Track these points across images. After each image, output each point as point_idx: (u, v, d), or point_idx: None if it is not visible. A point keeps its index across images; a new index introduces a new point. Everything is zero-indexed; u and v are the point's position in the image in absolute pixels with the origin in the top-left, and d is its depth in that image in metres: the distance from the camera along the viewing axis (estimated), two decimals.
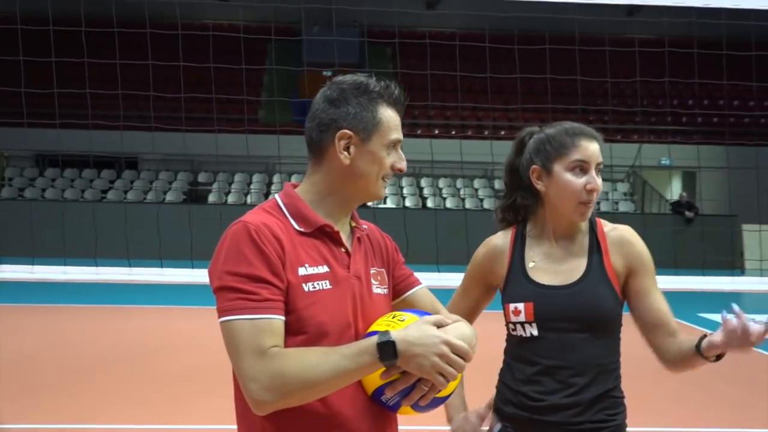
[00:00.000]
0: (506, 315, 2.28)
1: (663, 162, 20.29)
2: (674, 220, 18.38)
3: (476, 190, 20.34)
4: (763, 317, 1.98)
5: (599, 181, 2.22)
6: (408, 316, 1.82)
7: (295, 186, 1.94)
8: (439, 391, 1.77)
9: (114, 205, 17.53)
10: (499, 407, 2.29)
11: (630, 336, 2.36)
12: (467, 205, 19.38)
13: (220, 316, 1.74)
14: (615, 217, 2.97)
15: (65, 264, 5.08)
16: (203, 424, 5.65)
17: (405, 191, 20.00)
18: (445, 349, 1.71)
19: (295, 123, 20.53)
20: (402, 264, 2.07)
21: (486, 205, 19.40)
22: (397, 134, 1.90)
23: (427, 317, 1.79)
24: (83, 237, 8.74)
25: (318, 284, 1.80)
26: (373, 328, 1.82)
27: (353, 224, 1.97)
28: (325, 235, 1.87)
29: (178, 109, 18.27)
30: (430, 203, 19.59)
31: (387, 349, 1.69)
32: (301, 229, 1.85)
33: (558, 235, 2.31)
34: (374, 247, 2.01)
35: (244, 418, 1.83)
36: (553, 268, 2.27)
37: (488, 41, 6.84)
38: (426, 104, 20.45)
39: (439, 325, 1.77)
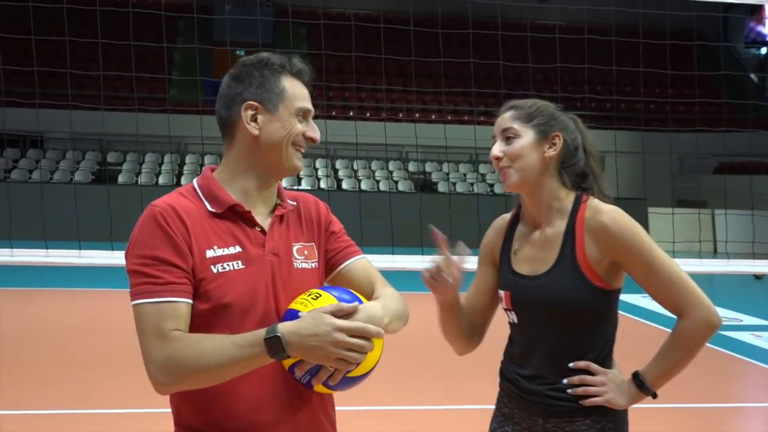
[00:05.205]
0: None
1: None
2: None
3: (391, 172, 20.46)
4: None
5: (496, 147, 2.16)
6: (323, 294, 1.81)
7: (213, 169, 1.97)
8: (349, 371, 1.77)
9: (18, 185, 16.91)
10: (500, 378, 2.30)
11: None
12: (381, 188, 19.47)
13: (131, 300, 1.79)
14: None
15: None
16: (110, 408, 5.59)
17: (319, 173, 19.96)
18: (339, 336, 1.69)
19: (208, 102, 20.20)
20: (338, 237, 2.06)
21: (401, 187, 19.53)
22: (304, 103, 1.92)
23: (326, 307, 1.75)
24: None
25: (228, 265, 1.82)
26: (292, 305, 1.83)
27: (278, 201, 1.98)
28: (237, 215, 1.88)
29: (85, 86, 17.74)
30: (345, 185, 19.61)
31: (274, 344, 1.69)
32: (214, 210, 1.87)
33: (531, 218, 2.23)
34: (303, 221, 2.01)
35: (172, 396, 1.90)
36: (531, 255, 2.18)
37: (413, 24, 6.89)
38: (342, 86, 20.45)
39: (340, 314, 1.74)
